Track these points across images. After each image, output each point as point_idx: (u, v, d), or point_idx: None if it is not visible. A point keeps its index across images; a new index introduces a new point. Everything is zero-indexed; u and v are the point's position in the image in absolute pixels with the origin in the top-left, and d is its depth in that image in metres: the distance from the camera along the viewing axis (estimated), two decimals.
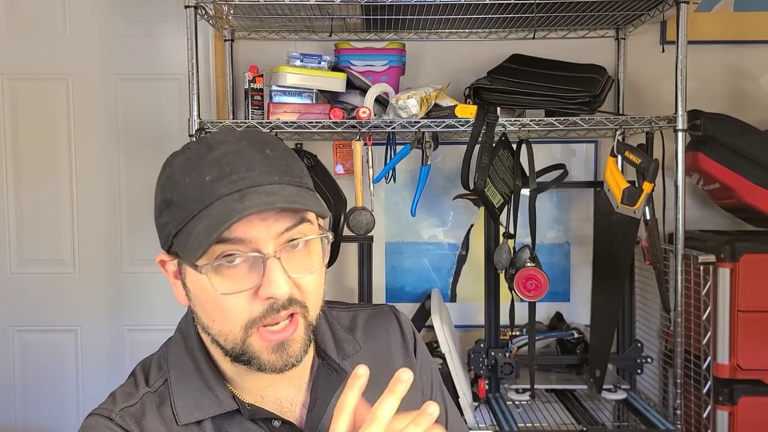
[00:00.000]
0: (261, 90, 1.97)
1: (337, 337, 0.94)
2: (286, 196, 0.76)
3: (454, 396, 1.81)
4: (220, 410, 0.83)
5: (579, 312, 2.22)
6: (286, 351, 0.79)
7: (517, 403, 1.93)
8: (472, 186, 1.76)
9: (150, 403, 0.84)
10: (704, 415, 1.80)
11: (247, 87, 1.98)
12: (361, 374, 0.71)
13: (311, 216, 0.80)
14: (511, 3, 1.82)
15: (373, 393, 0.90)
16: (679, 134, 1.75)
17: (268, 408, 0.86)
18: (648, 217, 1.79)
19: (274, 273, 0.75)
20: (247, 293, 0.76)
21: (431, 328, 1.85)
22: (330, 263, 1.85)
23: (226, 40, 2.17)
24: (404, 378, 0.69)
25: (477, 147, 1.77)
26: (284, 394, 0.88)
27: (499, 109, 1.82)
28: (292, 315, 0.79)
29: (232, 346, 0.79)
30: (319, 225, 0.83)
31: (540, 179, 1.94)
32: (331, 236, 0.83)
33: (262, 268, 0.76)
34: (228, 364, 0.84)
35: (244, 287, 0.76)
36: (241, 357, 0.79)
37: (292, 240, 0.78)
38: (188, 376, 0.85)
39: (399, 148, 1.93)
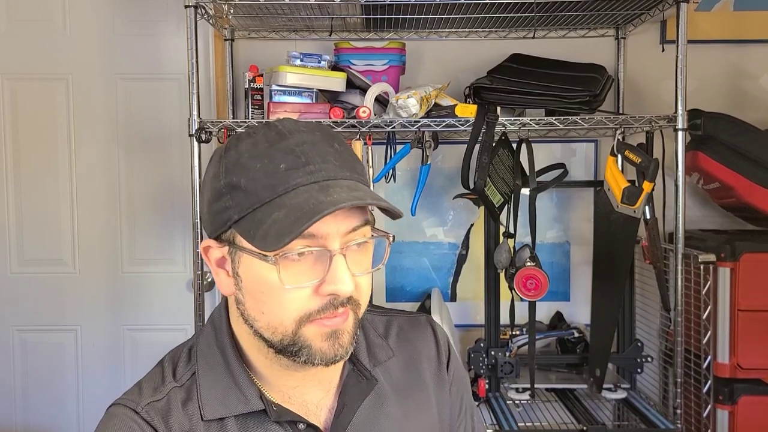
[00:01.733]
0: (261, 89, 1.97)
1: (370, 343, 0.92)
2: (368, 193, 0.76)
3: None
4: (246, 409, 0.81)
5: (579, 311, 2.22)
6: (337, 340, 0.78)
7: (517, 402, 1.93)
8: (472, 185, 1.76)
9: (176, 399, 0.82)
10: (704, 415, 1.80)
11: (247, 86, 1.98)
12: None
13: (371, 216, 0.80)
14: (511, 2, 1.82)
15: (399, 403, 0.89)
16: (679, 133, 1.75)
17: (294, 409, 0.84)
18: (648, 217, 1.79)
19: (341, 270, 0.75)
20: (310, 287, 0.76)
21: None
22: None
23: (226, 40, 2.17)
24: None
25: (477, 146, 1.77)
26: (312, 396, 0.86)
27: (499, 108, 1.82)
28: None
29: (281, 338, 0.77)
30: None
31: (540, 178, 1.94)
32: (392, 238, 0.83)
33: (327, 263, 0.75)
34: (262, 359, 0.83)
35: (309, 281, 0.75)
36: (290, 348, 0.78)
37: (357, 240, 0.78)
38: (216, 371, 0.83)
39: (399, 147, 1.93)
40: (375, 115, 1.82)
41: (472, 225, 2.16)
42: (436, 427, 0.92)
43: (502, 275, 1.93)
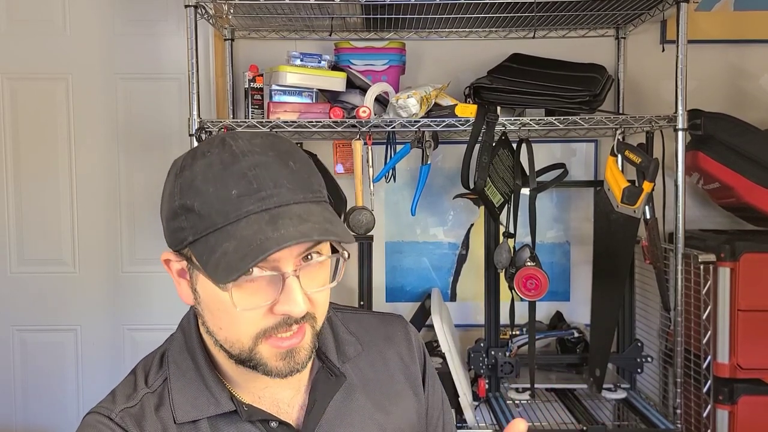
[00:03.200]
0: (261, 89, 1.97)
1: (339, 340, 0.94)
2: (318, 224, 0.75)
3: (454, 395, 1.81)
4: (217, 411, 0.84)
5: (579, 311, 2.22)
6: (293, 358, 0.79)
7: (517, 402, 1.93)
8: (472, 185, 1.76)
9: (149, 404, 0.84)
10: (704, 415, 1.80)
11: (247, 86, 1.98)
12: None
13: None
14: (511, 2, 1.82)
15: (370, 397, 0.91)
16: (679, 133, 1.75)
17: (266, 408, 0.86)
18: (648, 217, 1.79)
19: (294, 292, 0.76)
20: (264, 308, 0.77)
21: (431, 327, 1.85)
22: None
23: (226, 40, 2.17)
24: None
25: (477, 146, 1.77)
26: (282, 395, 0.88)
27: (499, 108, 1.82)
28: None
29: (238, 352, 0.79)
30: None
31: (540, 178, 1.94)
32: (347, 255, 0.83)
33: (280, 285, 0.76)
34: (230, 364, 0.84)
35: (262, 303, 0.76)
36: (248, 363, 0.80)
37: (309, 255, 0.78)
38: (187, 375, 0.85)
39: (399, 147, 1.93)
40: (375, 114, 1.82)
41: (472, 225, 2.16)
42: (410, 421, 0.95)
43: (502, 275, 1.93)
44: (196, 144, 1.75)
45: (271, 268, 0.76)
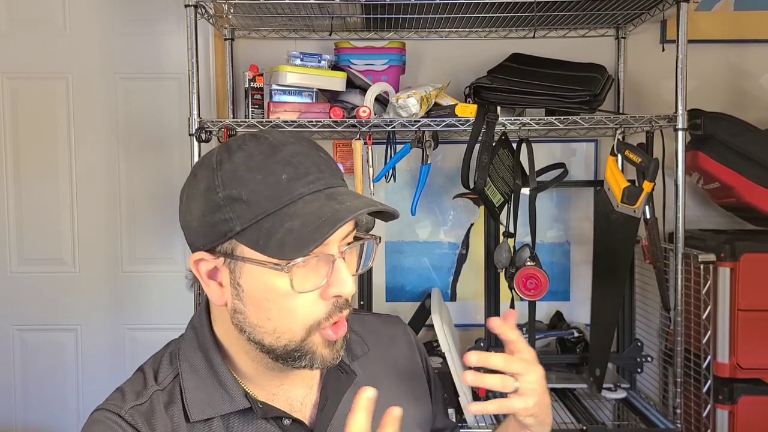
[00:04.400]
0: (261, 89, 1.97)
1: (347, 339, 0.94)
2: (368, 199, 0.81)
3: (455, 395, 1.81)
4: (232, 408, 0.84)
5: (579, 311, 2.22)
6: (335, 346, 0.83)
7: None
8: (472, 185, 1.76)
9: (159, 402, 0.83)
10: (704, 414, 1.80)
11: (247, 86, 1.98)
12: (368, 396, 0.72)
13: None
14: (511, 2, 1.82)
15: (379, 394, 0.92)
16: (679, 133, 1.75)
17: (279, 406, 0.86)
18: (648, 216, 1.79)
19: (344, 272, 0.79)
20: (316, 292, 0.79)
21: (431, 327, 1.85)
22: None
23: (226, 39, 2.17)
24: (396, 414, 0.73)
25: (477, 146, 1.77)
26: (295, 393, 0.89)
27: (499, 108, 1.82)
28: None
29: (286, 343, 0.80)
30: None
31: (540, 178, 1.94)
32: (379, 239, 0.87)
33: (329, 268, 0.78)
34: (249, 361, 0.85)
35: (315, 286, 0.78)
36: (294, 353, 0.80)
37: (350, 243, 0.82)
38: (201, 373, 0.85)
39: (399, 147, 1.93)
40: (375, 114, 1.82)
41: (472, 225, 2.16)
42: (419, 419, 0.97)
43: (502, 275, 1.93)
44: (196, 144, 1.75)
45: (322, 251, 0.78)
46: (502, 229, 1.90)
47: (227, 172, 0.78)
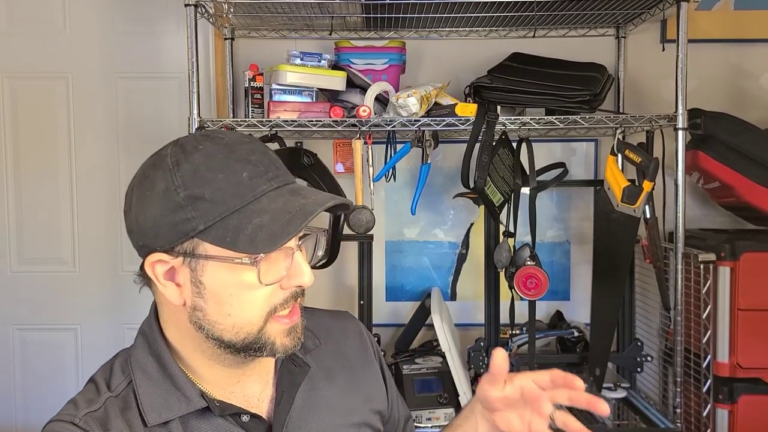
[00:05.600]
0: (261, 88, 1.97)
1: None
2: (328, 194, 0.84)
3: (455, 395, 1.81)
4: (189, 409, 0.84)
5: (579, 310, 2.22)
6: (296, 333, 0.86)
7: None
8: (472, 184, 1.76)
9: (113, 408, 0.83)
10: (704, 414, 1.80)
11: (247, 85, 1.98)
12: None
13: None
14: (511, 1, 1.82)
15: (332, 385, 0.97)
16: (680, 133, 1.75)
17: (236, 403, 0.88)
18: (648, 216, 1.79)
19: (303, 264, 0.83)
20: (276, 284, 0.82)
21: (431, 326, 1.85)
22: (330, 262, 1.86)
23: (226, 39, 2.17)
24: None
25: (477, 145, 1.77)
26: (252, 389, 0.90)
27: (499, 107, 1.82)
28: None
29: (245, 336, 0.82)
30: None
31: (540, 178, 1.94)
32: (326, 231, 0.93)
33: (290, 260, 0.81)
34: (205, 360, 0.86)
35: (277, 278, 0.81)
36: (254, 345, 0.82)
37: (302, 236, 0.85)
38: (154, 377, 0.86)
39: (399, 146, 1.93)
40: (375, 114, 1.82)
41: (472, 224, 2.16)
42: (370, 405, 1.00)
43: (502, 274, 1.93)
44: None
45: (283, 245, 0.80)
46: (502, 228, 1.90)
47: (187, 173, 0.79)
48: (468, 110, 1.79)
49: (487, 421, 0.93)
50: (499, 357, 0.88)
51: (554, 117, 1.79)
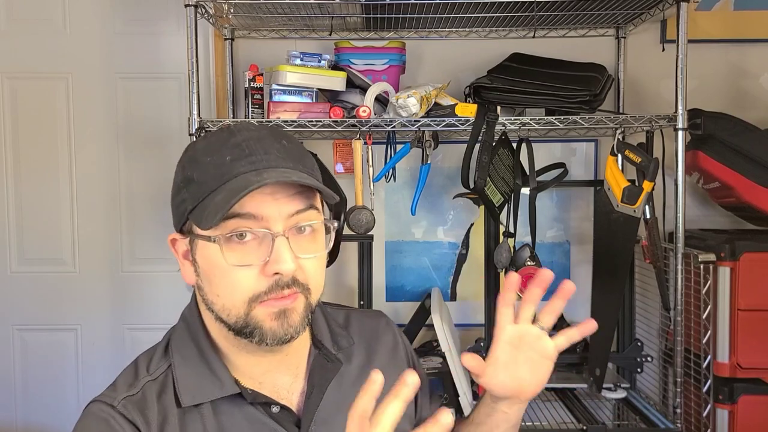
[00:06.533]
0: (261, 89, 1.97)
1: (333, 331, 0.98)
2: (300, 176, 0.81)
3: (455, 395, 1.81)
4: (222, 393, 0.86)
5: (579, 311, 2.22)
6: (287, 319, 0.82)
7: None
8: (472, 185, 1.76)
9: (151, 392, 0.86)
10: (704, 414, 1.80)
11: (247, 86, 1.98)
12: (376, 380, 0.71)
13: (319, 205, 0.86)
14: (511, 2, 1.82)
15: (358, 386, 0.95)
16: (679, 133, 1.75)
17: (266, 393, 0.88)
18: (648, 216, 1.79)
19: (282, 250, 0.80)
20: (255, 268, 0.81)
21: (431, 326, 1.85)
22: (330, 262, 1.86)
23: (226, 39, 2.17)
24: (410, 382, 0.68)
25: (477, 146, 1.77)
26: (282, 381, 0.91)
27: (499, 107, 1.82)
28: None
29: (235, 320, 0.82)
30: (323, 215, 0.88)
31: (540, 178, 1.94)
32: (336, 224, 0.88)
33: (271, 245, 0.80)
34: (233, 348, 0.87)
35: (253, 261, 0.80)
36: (244, 330, 0.82)
37: (300, 224, 0.83)
38: (192, 361, 0.88)
39: (399, 147, 1.93)
40: (375, 114, 1.82)
41: (472, 224, 2.16)
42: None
43: (502, 275, 1.93)
44: None
45: (261, 227, 0.80)
46: (502, 228, 1.90)
47: (188, 158, 0.86)
48: (468, 110, 1.79)
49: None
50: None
51: (554, 117, 1.79)
